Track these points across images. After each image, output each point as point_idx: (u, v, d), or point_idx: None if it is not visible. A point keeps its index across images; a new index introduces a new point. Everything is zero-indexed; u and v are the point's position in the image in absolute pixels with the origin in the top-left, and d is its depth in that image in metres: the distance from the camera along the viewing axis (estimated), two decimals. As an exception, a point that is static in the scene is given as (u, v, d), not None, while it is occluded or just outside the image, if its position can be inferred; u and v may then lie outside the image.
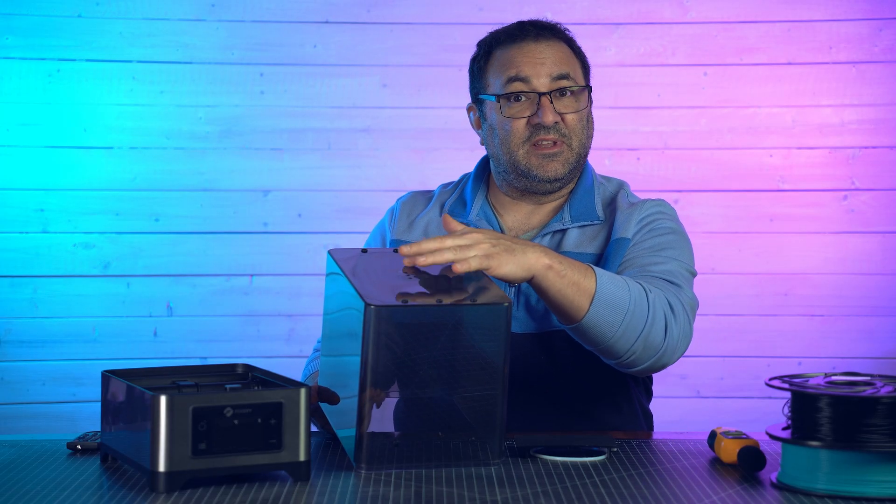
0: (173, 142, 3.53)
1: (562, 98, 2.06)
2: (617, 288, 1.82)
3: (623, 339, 1.84)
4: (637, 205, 2.09)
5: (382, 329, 1.59)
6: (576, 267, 1.80)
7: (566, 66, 2.07)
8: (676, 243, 2.05)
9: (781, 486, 1.57)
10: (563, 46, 2.10)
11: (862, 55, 3.51)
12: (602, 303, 1.80)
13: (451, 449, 1.66)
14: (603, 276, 1.82)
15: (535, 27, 2.10)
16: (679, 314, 1.90)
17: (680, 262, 2.01)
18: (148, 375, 1.74)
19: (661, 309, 1.87)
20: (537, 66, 2.06)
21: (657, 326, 1.85)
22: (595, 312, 1.81)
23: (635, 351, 1.86)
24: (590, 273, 1.81)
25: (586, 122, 2.09)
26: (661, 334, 1.86)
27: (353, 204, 3.53)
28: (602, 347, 1.86)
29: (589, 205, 2.11)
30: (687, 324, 1.92)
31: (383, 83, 3.55)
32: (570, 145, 2.07)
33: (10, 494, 1.55)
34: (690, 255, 2.06)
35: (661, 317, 1.86)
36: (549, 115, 2.04)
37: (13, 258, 3.50)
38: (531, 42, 2.09)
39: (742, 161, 3.54)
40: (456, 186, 2.23)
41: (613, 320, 1.82)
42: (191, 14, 3.52)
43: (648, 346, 1.86)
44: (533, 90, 2.05)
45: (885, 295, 3.53)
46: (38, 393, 3.52)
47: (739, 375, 3.55)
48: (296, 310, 3.55)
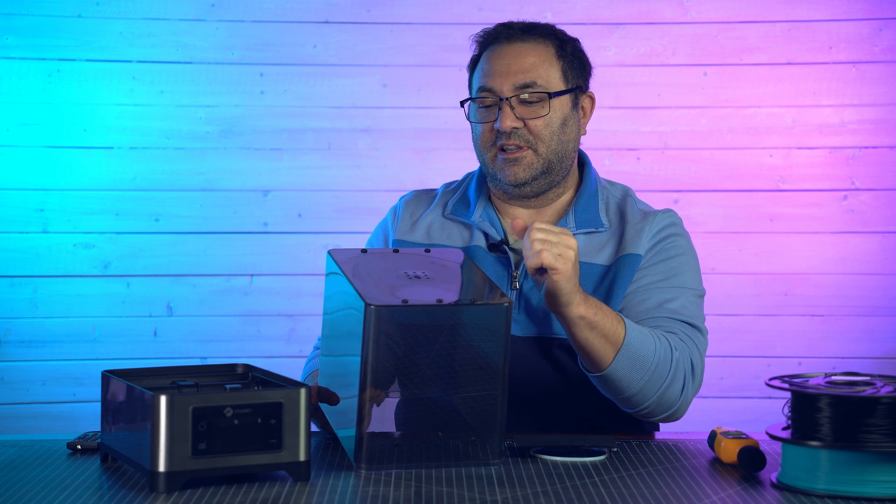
0: (173, 142, 3.53)
1: (529, 104, 2.04)
2: (644, 346, 1.88)
3: (641, 394, 1.90)
4: (647, 218, 2.08)
5: (382, 329, 1.59)
6: (609, 318, 1.85)
7: (536, 69, 2.04)
8: (687, 266, 2.07)
9: (781, 486, 1.57)
10: (540, 48, 2.06)
11: (862, 55, 3.51)
12: (627, 358, 1.86)
13: (451, 449, 1.66)
14: (632, 332, 1.87)
15: (510, 29, 2.08)
16: (698, 372, 1.96)
17: (691, 290, 2.04)
18: (148, 375, 1.74)
19: (683, 369, 1.93)
20: (502, 70, 2.05)
21: (675, 386, 1.92)
22: (619, 366, 1.86)
23: (650, 406, 1.92)
24: (620, 326, 1.86)
25: (559, 127, 2.05)
26: (677, 393, 1.93)
27: (353, 204, 3.53)
28: (621, 397, 1.92)
29: (593, 211, 2.09)
30: (701, 377, 1.98)
31: (383, 83, 3.55)
32: (536, 151, 2.05)
33: (10, 494, 1.55)
34: (699, 275, 2.09)
35: (681, 377, 1.93)
36: (507, 122, 2.02)
37: (13, 258, 3.50)
38: (504, 44, 2.07)
39: (742, 161, 3.54)
40: (459, 186, 2.21)
41: (635, 376, 1.88)
42: (191, 14, 3.52)
43: (663, 402, 1.92)
44: (497, 95, 2.05)
45: (885, 295, 3.53)
46: (38, 393, 3.52)
47: (739, 375, 3.55)
48: (296, 310, 3.55)
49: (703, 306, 2.06)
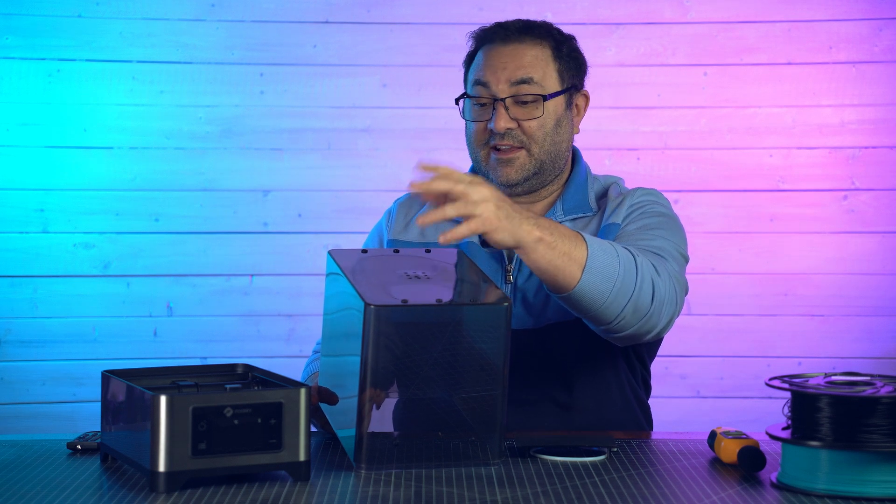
0: (173, 142, 3.53)
1: (524, 105, 2.05)
2: (607, 255, 1.81)
3: (613, 304, 1.82)
4: (628, 193, 2.09)
5: (382, 329, 1.59)
6: (567, 237, 1.78)
7: (531, 69, 2.05)
8: (667, 225, 2.04)
9: (781, 486, 1.57)
10: (536, 48, 2.07)
11: (862, 55, 3.51)
12: (593, 271, 1.79)
13: (451, 449, 1.66)
14: (593, 244, 1.80)
15: (506, 29, 2.08)
16: (663, 276, 1.89)
17: (670, 241, 2.00)
18: (148, 375, 1.74)
19: (649, 272, 1.86)
20: (497, 71, 2.05)
21: (645, 289, 1.84)
22: (586, 282, 1.79)
23: (624, 315, 1.84)
24: (580, 242, 1.79)
25: (553, 127, 2.06)
26: (648, 297, 1.85)
27: (353, 204, 3.53)
28: (591, 314, 1.85)
29: (582, 199, 2.11)
30: (671, 289, 1.90)
31: (383, 83, 3.55)
32: (529, 151, 2.05)
33: (10, 494, 1.55)
34: (682, 238, 2.05)
35: (649, 280, 1.85)
36: (501, 122, 2.03)
37: (13, 258, 3.50)
38: (499, 45, 2.07)
39: (742, 161, 3.54)
40: (452, 186, 2.22)
41: (604, 288, 1.81)
42: (191, 14, 3.52)
43: (637, 309, 1.85)
44: (492, 95, 2.05)
45: (885, 295, 3.53)
46: (38, 393, 3.51)
47: (739, 375, 3.55)
48: (296, 310, 3.55)
49: (683, 265, 2.01)
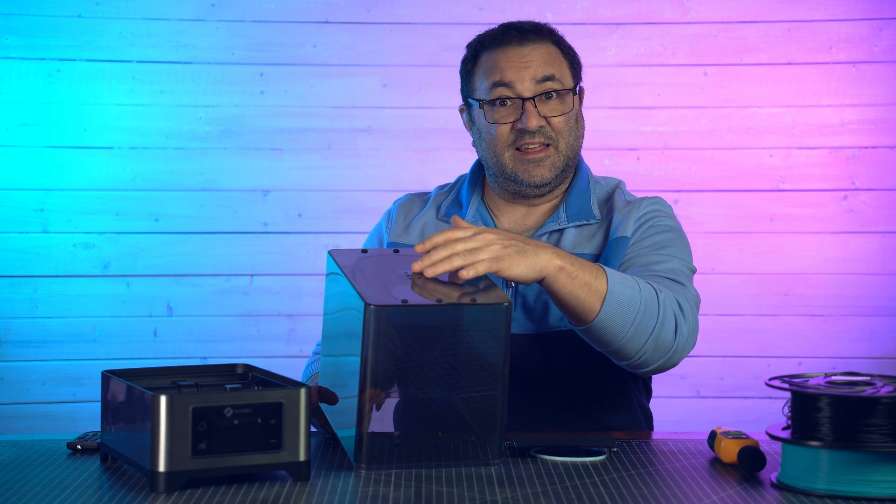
0: (173, 142, 3.53)
1: (547, 101, 2.05)
2: (628, 288, 1.81)
3: (634, 339, 1.83)
4: (634, 203, 2.09)
5: (382, 329, 1.59)
6: (587, 268, 1.79)
7: (551, 67, 2.06)
8: (675, 241, 2.05)
9: (781, 486, 1.57)
10: (548, 47, 2.08)
11: (862, 55, 3.51)
12: (613, 303, 1.80)
13: (451, 449, 1.66)
14: (614, 277, 1.81)
15: (520, 30, 2.09)
16: (687, 312, 1.90)
17: (681, 259, 2.01)
18: (148, 375, 1.74)
19: (672, 308, 1.86)
20: (521, 71, 2.05)
21: (667, 326, 1.85)
22: (606, 313, 1.80)
23: (646, 351, 1.85)
24: (601, 274, 1.80)
25: (574, 122, 2.08)
26: (671, 333, 1.85)
27: (353, 204, 3.53)
28: (613, 348, 1.85)
29: (585, 204, 2.10)
30: (695, 321, 1.92)
31: (383, 83, 3.55)
32: (557, 148, 2.06)
33: (10, 494, 1.55)
34: (689, 252, 2.07)
35: (672, 316, 1.86)
36: (534, 120, 2.04)
37: (13, 258, 3.50)
38: (515, 46, 2.07)
39: (742, 161, 3.54)
40: (452, 188, 2.23)
41: (624, 321, 1.81)
42: (191, 14, 3.52)
43: (659, 345, 1.85)
44: (517, 95, 2.05)
45: (885, 295, 3.53)
46: (38, 393, 3.52)
47: (739, 375, 3.55)
48: (296, 310, 3.55)
49: (692, 279, 2.02)
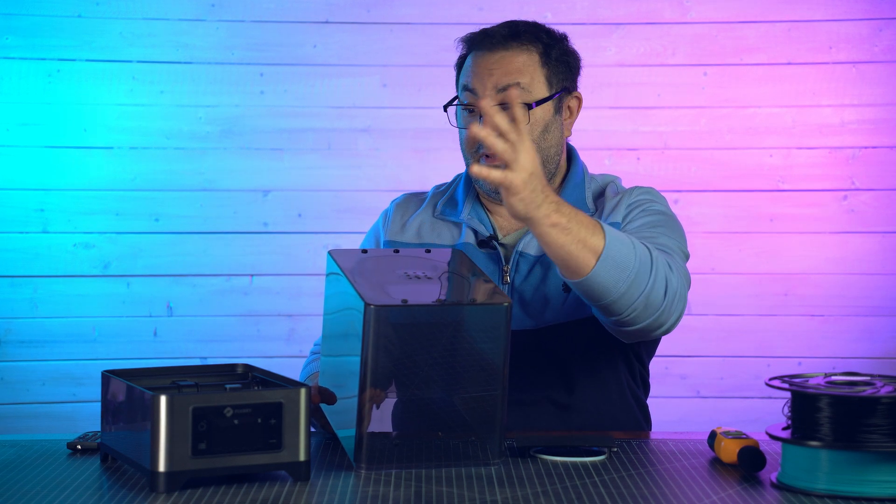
0: (173, 142, 3.53)
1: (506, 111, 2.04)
2: (624, 247, 1.80)
3: (626, 296, 1.82)
4: (626, 191, 2.10)
5: (382, 329, 1.59)
6: (585, 225, 1.77)
7: (517, 75, 2.04)
8: (668, 223, 2.04)
9: (781, 486, 1.57)
10: (524, 56, 2.06)
11: (862, 55, 3.51)
12: (608, 261, 1.78)
13: (450, 449, 1.66)
14: (611, 235, 1.79)
15: (493, 36, 2.07)
16: (676, 272, 1.89)
17: (672, 239, 2.00)
18: (148, 375, 1.74)
19: (663, 268, 1.86)
20: (484, 79, 2.05)
21: (658, 285, 1.84)
22: (600, 269, 1.78)
23: (636, 308, 1.84)
24: (598, 230, 1.78)
25: (540, 134, 2.05)
26: (661, 293, 1.85)
27: (353, 204, 3.53)
28: (603, 303, 1.84)
29: (579, 199, 2.10)
30: (683, 286, 1.91)
31: (383, 83, 3.55)
32: None
33: (10, 494, 1.55)
34: (683, 236, 2.05)
35: (663, 275, 1.85)
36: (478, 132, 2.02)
37: (13, 258, 3.50)
38: (486, 52, 2.07)
39: (742, 161, 3.54)
40: (448, 187, 2.24)
41: (618, 278, 1.80)
42: (191, 14, 3.52)
43: (650, 304, 1.84)
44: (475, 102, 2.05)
45: (885, 295, 3.53)
46: (38, 393, 3.51)
47: (739, 375, 3.55)
48: (296, 310, 3.55)
49: (684, 261, 2.01)
